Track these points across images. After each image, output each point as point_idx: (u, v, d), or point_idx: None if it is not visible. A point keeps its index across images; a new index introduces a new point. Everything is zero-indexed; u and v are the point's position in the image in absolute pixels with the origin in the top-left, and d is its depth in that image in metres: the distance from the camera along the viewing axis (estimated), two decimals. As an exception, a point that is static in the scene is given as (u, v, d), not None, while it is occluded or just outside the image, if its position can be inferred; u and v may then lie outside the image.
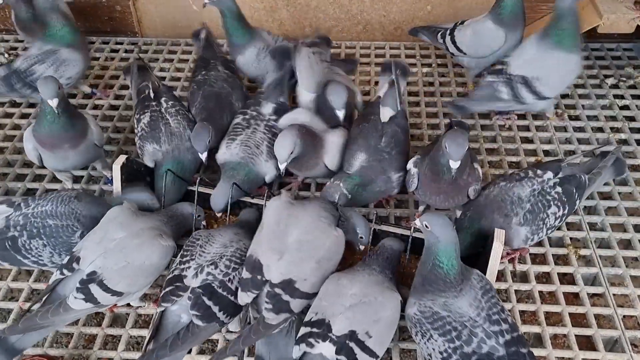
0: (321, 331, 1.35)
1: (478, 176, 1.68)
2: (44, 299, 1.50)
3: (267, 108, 1.95)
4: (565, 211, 1.66)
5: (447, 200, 1.68)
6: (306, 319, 1.40)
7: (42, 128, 1.74)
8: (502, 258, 1.73)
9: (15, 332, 1.44)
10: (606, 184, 1.96)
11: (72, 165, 1.88)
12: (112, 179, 1.84)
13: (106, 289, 1.46)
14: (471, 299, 1.37)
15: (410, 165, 1.74)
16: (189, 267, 1.49)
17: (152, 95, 1.95)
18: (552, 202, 1.63)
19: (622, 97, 2.38)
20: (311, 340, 1.34)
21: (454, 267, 1.37)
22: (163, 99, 1.95)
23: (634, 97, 2.37)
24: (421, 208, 1.86)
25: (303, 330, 1.38)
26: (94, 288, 1.45)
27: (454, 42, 2.29)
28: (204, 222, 1.81)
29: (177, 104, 1.96)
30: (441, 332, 1.34)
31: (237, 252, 1.54)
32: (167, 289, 1.47)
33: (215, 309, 1.44)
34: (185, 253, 1.54)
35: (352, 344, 1.33)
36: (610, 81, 2.45)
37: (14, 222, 1.60)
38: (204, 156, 1.80)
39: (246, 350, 1.50)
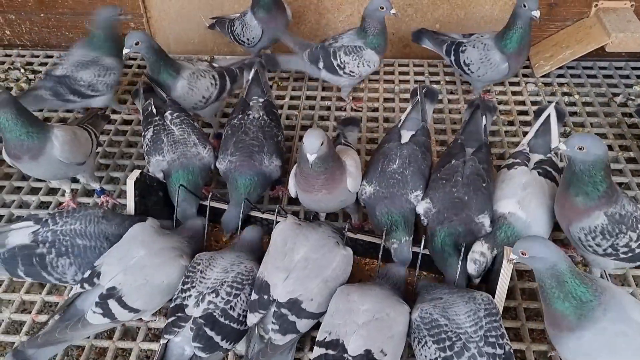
0: (336, 353, 1.34)
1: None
2: (63, 311, 1.51)
3: None
4: None
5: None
6: (319, 337, 1.40)
7: (3, 136, 1.75)
8: None
9: (34, 345, 1.45)
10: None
11: (42, 176, 1.91)
12: (101, 190, 1.92)
13: (124, 305, 1.48)
14: (470, 310, 1.39)
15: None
16: (190, 296, 1.48)
17: (154, 110, 1.95)
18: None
19: (630, 115, 2.40)
20: None
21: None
22: (168, 112, 1.94)
23: (642, 115, 2.38)
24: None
25: (318, 351, 1.37)
26: (112, 304, 1.47)
27: (457, 62, 2.38)
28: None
29: (182, 114, 1.96)
30: (435, 340, 1.34)
31: (238, 276, 1.52)
32: (170, 320, 1.47)
33: (218, 338, 1.44)
34: (186, 280, 1.52)
35: None
36: (618, 99, 2.47)
37: (42, 237, 1.60)
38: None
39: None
